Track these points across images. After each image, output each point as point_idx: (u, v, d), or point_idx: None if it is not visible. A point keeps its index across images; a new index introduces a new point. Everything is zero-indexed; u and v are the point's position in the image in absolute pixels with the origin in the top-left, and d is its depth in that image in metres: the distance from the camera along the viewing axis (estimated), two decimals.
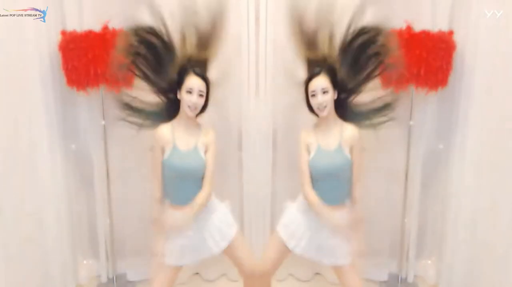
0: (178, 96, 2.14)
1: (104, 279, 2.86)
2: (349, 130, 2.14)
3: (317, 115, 2.19)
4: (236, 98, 2.66)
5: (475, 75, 2.36)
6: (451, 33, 2.47)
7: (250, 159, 2.73)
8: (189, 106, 2.09)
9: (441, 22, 2.51)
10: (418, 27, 2.49)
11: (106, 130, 2.66)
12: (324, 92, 2.09)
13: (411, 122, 2.65)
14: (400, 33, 2.45)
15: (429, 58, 2.38)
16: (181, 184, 2.10)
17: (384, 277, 2.91)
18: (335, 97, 2.15)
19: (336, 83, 2.14)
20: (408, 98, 2.62)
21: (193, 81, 2.09)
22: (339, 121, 2.18)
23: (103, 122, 2.63)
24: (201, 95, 2.10)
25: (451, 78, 2.51)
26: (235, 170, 2.78)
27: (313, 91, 2.11)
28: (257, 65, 2.64)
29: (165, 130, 2.13)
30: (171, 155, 2.09)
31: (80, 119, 2.70)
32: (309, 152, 2.15)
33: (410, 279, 2.86)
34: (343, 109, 2.19)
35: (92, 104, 2.66)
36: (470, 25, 2.38)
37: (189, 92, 2.08)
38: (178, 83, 2.12)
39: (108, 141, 2.68)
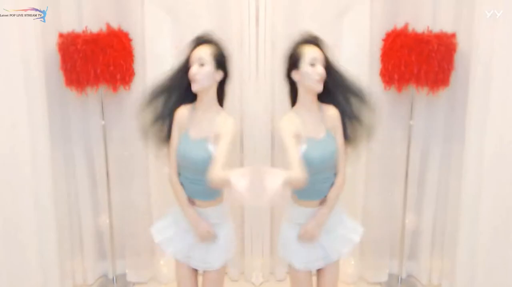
0: None
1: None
2: (330, 110, 1.87)
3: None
4: (236, 98, 2.65)
5: (476, 75, 2.35)
6: (453, 34, 2.47)
7: (250, 157, 2.72)
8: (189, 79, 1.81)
9: (443, 22, 2.51)
10: (419, 27, 2.49)
11: (106, 130, 2.65)
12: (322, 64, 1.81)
13: (411, 122, 2.64)
14: (402, 32, 2.45)
15: (430, 58, 2.38)
16: (188, 175, 1.87)
17: (384, 277, 2.90)
18: None
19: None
20: (408, 98, 2.62)
21: (195, 51, 1.80)
22: (317, 103, 1.88)
23: (103, 122, 2.63)
24: (201, 65, 1.78)
25: (453, 78, 2.51)
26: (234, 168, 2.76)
27: (314, 58, 1.78)
28: (257, 65, 2.63)
29: (184, 112, 1.87)
30: (180, 142, 1.85)
31: (79, 119, 2.69)
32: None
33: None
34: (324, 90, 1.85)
35: (92, 104, 2.65)
36: (471, 25, 2.38)
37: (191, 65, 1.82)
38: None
39: (108, 142, 2.68)
